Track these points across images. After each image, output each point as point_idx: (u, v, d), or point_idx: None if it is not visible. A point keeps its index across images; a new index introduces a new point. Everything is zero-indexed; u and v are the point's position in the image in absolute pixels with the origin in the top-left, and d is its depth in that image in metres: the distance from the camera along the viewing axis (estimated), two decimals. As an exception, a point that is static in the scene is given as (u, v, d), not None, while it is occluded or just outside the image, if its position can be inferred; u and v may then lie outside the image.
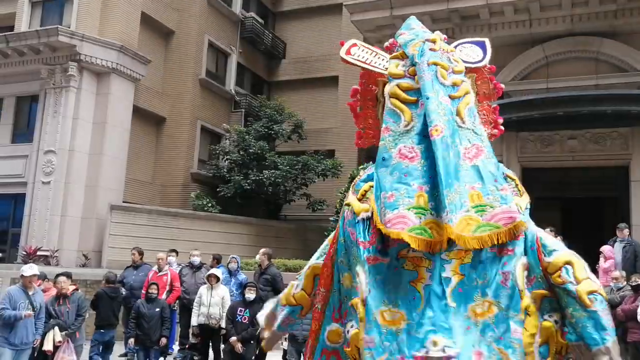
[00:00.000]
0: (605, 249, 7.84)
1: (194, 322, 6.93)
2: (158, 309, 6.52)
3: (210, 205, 13.64)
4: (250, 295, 6.29)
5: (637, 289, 6.32)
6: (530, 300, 2.10)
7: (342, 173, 13.86)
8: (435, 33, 2.47)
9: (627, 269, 7.29)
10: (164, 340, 6.60)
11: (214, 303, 6.77)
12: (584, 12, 10.68)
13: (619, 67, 10.75)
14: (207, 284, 6.95)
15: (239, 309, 6.28)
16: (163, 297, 7.05)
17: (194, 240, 11.72)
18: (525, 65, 11.28)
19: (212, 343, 7.01)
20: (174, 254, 8.28)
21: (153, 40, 15.17)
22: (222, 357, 6.82)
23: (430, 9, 11.16)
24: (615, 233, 8.06)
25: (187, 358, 7.34)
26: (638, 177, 10.31)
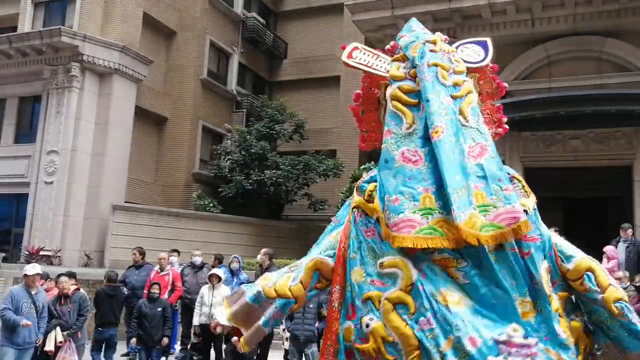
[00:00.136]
0: (608, 249, 7.80)
1: (196, 322, 6.94)
2: (160, 309, 6.52)
3: (212, 205, 13.65)
4: (252, 296, 6.29)
5: (640, 289, 6.29)
6: (559, 303, 2.13)
7: (343, 173, 13.85)
8: (436, 34, 2.46)
9: (630, 269, 7.25)
10: (166, 340, 6.60)
11: (216, 303, 6.76)
12: (587, 11, 10.63)
13: (622, 66, 10.70)
14: (208, 284, 6.96)
15: (241, 309, 6.27)
16: (165, 297, 7.04)
17: (196, 240, 11.74)
18: (527, 65, 11.24)
19: (213, 343, 7.01)
20: (176, 254, 8.28)
21: (155, 41, 15.19)
22: (223, 357, 6.82)
23: (432, 9, 11.13)
24: (619, 233, 8.03)
25: (186, 358, 7.35)
26: (641, 177, 10.28)
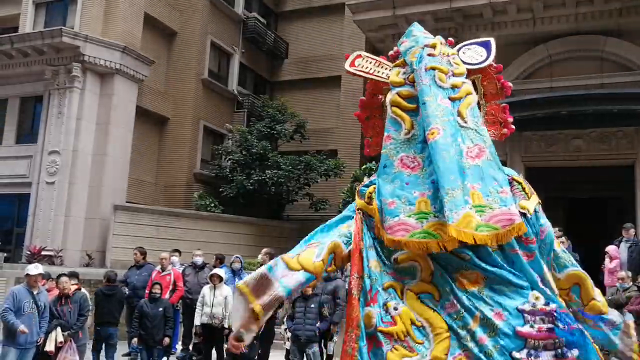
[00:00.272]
0: (611, 249, 7.78)
1: (197, 322, 6.93)
2: (161, 309, 6.52)
3: (213, 205, 13.65)
4: (253, 295, 6.28)
5: (642, 289, 6.27)
6: (562, 301, 2.20)
7: (344, 173, 13.84)
8: (436, 38, 2.47)
9: (633, 269, 7.24)
10: (167, 340, 6.60)
11: (217, 303, 6.77)
12: (588, 10, 10.60)
13: (624, 65, 10.67)
14: (210, 284, 6.96)
15: (242, 309, 6.26)
16: (166, 296, 7.04)
17: (197, 240, 11.74)
18: (529, 65, 11.21)
19: (215, 343, 7.01)
20: (177, 254, 8.29)
21: (156, 41, 15.20)
22: (224, 357, 6.81)
23: (433, 8, 11.12)
24: (621, 233, 8.01)
25: (186, 358, 7.35)
26: (643, 176, 10.24)
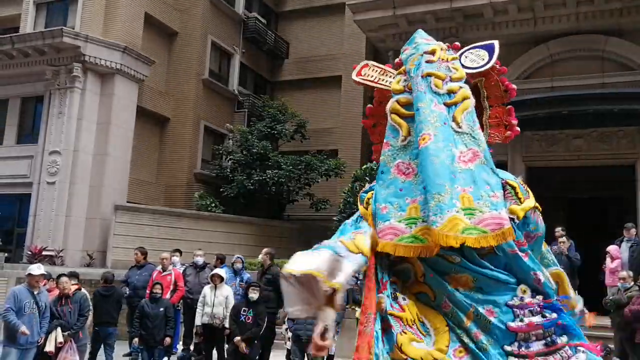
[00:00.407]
0: (612, 249, 7.77)
1: (198, 322, 6.93)
2: (162, 309, 6.53)
3: (214, 205, 13.65)
4: (254, 295, 6.31)
5: (644, 289, 6.26)
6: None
7: (345, 173, 13.84)
8: (437, 43, 2.48)
9: (634, 269, 7.22)
10: (168, 340, 6.60)
11: (218, 303, 6.77)
12: (589, 10, 10.59)
13: (625, 65, 10.65)
14: (210, 284, 6.96)
15: (243, 309, 6.29)
16: (167, 296, 7.05)
17: (198, 240, 11.75)
18: (530, 64, 11.20)
19: (215, 343, 7.01)
20: (178, 254, 8.28)
21: (156, 41, 15.21)
22: (225, 357, 6.81)
23: (434, 8, 11.11)
24: (622, 233, 7.99)
25: (187, 358, 7.35)
26: (644, 176, 10.23)
